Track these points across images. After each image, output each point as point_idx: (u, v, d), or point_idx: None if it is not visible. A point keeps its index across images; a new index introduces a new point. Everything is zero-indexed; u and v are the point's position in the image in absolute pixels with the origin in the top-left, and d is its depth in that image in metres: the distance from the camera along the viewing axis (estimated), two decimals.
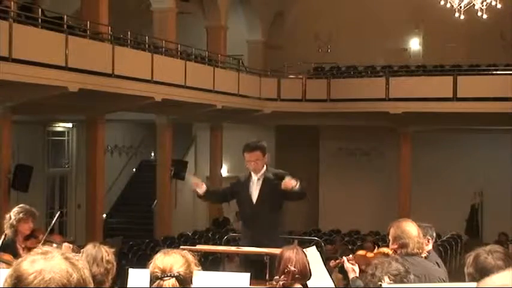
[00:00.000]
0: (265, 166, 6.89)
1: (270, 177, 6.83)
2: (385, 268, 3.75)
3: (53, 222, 7.30)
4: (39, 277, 1.90)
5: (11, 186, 14.24)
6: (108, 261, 4.22)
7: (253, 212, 6.85)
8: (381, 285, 3.67)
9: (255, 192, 6.87)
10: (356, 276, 5.23)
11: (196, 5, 21.79)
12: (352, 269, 5.30)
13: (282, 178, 6.67)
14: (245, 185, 6.92)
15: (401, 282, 3.71)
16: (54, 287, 1.90)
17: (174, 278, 3.09)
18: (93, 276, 4.07)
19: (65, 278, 1.92)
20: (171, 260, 3.14)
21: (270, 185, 6.76)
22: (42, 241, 6.16)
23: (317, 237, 11.40)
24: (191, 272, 3.15)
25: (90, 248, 4.28)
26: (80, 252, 6.07)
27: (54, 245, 6.06)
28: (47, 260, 1.94)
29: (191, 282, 3.15)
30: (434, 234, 5.50)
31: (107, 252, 4.26)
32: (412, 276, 3.81)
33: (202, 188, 6.95)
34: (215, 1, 21.07)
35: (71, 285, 1.92)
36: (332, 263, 5.89)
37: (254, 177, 6.88)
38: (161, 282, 3.09)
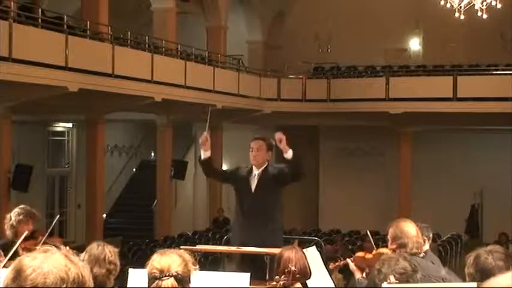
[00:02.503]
0: (267, 162, 6.86)
1: (269, 170, 6.82)
2: (392, 266, 3.72)
3: (52, 225, 7.30)
4: (37, 270, 1.94)
5: (11, 186, 14.24)
6: (110, 262, 4.16)
7: (251, 204, 6.80)
8: (382, 285, 3.65)
9: (253, 184, 6.83)
10: (362, 277, 5.23)
11: (196, 5, 21.79)
12: (358, 270, 5.31)
13: (281, 170, 6.67)
14: (245, 178, 6.88)
15: (407, 281, 3.68)
16: (52, 280, 1.93)
17: (172, 278, 3.08)
18: (95, 277, 4.05)
19: (63, 271, 1.95)
20: (168, 260, 3.13)
21: (269, 177, 6.74)
22: (42, 243, 6.15)
23: (317, 237, 11.41)
24: (189, 271, 3.14)
25: (93, 248, 4.20)
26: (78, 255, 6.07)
27: (54, 247, 6.05)
28: (47, 256, 1.99)
29: (189, 282, 3.14)
30: (431, 235, 5.50)
31: (110, 253, 4.18)
32: (419, 276, 3.77)
33: (206, 151, 6.86)
34: (215, 1, 21.07)
35: (69, 279, 1.95)
36: (331, 265, 5.90)
37: (255, 172, 6.85)
38: (159, 282, 3.08)
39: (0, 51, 11.71)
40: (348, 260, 5.44)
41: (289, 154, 6.55)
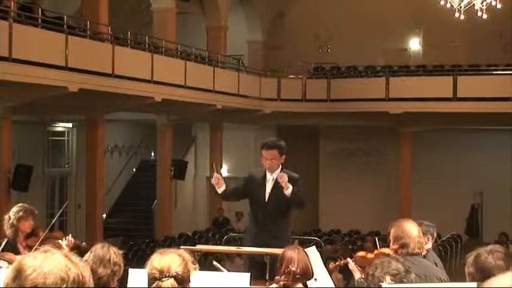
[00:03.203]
0: (280, 166, 6.87)
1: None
2: (385, 268, 3.74)
3: (61, 210, 7.32)
4: (38, 270, 1.95)
5: (11, 186, 14.23)
6: (115, 263, 4.14)
7: (264, 210, 6.86)
8: (381, 285, 3.66)
9: (267, 191, 6.89)
10: (362, 277, 5.23)
11: (196, 5, 21.79)
12: (358, 270, 5.30)
13: (292, 181, 6.71)
14: (259, 183, 6.94)
15: (401, 282, 3.70)
16: (52, 280, 1.93)
17: (172, 278, 3.08)
18: (99, 278, 4.05)
19: (63, 271, 1.96)
20: (168, 260, 3.12)
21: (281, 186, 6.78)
22: (43, 238, 6.15)
23: (317, 237, 11.41)
24: (189, 271, 3.13)
25: (98, 248, 4.19)
26: (81, 247, 6.08)
27: (56, 242, 6.05)
28: (48, 256, 1.99)
29: (189, 281, 3.14)
30: (435, 234, 5.50)
31: (115, 254, 4.17)
32: (412, 276, 3.79)
33: (221, 187, 6.95)
34: (215, 1, 21.07)
35: (69, 279, 1.96)
36: (331, 265, 5.89)
37: (269, 177, 6.90)
38: (159, 282, 3.08)
39: (0, 51, 11.71)
40: (349, 260, 5.44)
41: (288, 192, 6.67)
